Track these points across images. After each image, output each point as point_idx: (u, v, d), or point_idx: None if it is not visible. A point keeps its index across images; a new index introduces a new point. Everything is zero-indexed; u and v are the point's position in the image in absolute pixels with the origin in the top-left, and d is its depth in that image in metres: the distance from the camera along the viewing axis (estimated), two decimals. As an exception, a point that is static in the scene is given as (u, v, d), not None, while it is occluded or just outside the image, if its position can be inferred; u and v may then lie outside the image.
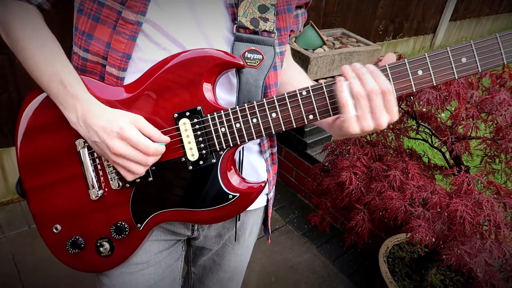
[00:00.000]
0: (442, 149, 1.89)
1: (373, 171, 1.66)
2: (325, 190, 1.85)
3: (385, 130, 1.79)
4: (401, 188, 1.52)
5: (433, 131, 1.89)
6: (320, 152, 2.38)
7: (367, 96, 0.77)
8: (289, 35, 1.06)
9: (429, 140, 2.01)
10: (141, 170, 0.82)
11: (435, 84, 0.82)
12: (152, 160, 0.82)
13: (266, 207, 1.15)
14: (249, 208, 1.08)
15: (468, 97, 1.71)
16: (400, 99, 1.69)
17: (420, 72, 0.80)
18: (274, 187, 1.17)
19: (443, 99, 1.47)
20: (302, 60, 2.97)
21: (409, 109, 1.72)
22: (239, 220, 1.08)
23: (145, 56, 0.87)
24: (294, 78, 1.09)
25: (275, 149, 1.12)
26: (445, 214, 1.40)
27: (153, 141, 0.82)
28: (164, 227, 1.03)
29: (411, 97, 1.63)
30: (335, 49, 3.25)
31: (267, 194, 1.13)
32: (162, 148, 0.83)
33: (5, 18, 0.84)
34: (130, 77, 0.88)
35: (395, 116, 0.79)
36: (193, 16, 0.85)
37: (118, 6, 0.82)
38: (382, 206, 1.51)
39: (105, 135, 0.79)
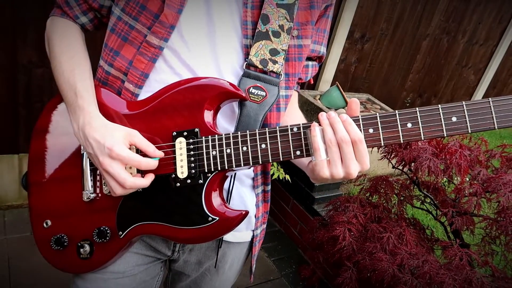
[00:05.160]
0: (444, 222, 1.86)
1: (369, 232, 1.65)
2: (319, 243, 1.83)
3: (388, 193, 1.80)
4: (393, 252, 1.49)
5: (438, 205, 1.87)
6: (324, 208, 2.37)
7: (337, 144, 0.81)
8: (297, 83, 1.13)
9: (434, 213, 1.98)
10: (118, 191, 0.86)
11: (423, 139, 0.85)
12: (130, 184, 0.85)
13: (251, 244, 1.17)
14: (232, 240, 1.11)
15: (475, 174, 1.71)
16: (404, 164, 1.71)
17: (409, 125, 0.83)
18: (263, 225, 1.17)
19: (444, 168, 1.48)
20: (323, 117, 3.02)
21: (412, 175, 1.73)
22: (220, 247, 1.10)
23: (159, 77, 0.95)
24: (294, 120, 1.14)
25: (268, 187, 1.15)
26: (435, 286, 1.36)
27: (148, 156, 0.87)
28: (146, 241, 1.06)
29: (414, 161, 1.65)
30: (357, 112, 3.31)
31: (253, 230, 1.14)
32: (140, 183, 0.86)
33: (51, 31, 1.00)
34: (143, 95, 0.97)
35: (366, 166, 0.83)
36: (211, 50, 0.95)
37: (145, 31, 0.93)
38: (370, 267, 1.49)
39: (98, 150, 0.85)
